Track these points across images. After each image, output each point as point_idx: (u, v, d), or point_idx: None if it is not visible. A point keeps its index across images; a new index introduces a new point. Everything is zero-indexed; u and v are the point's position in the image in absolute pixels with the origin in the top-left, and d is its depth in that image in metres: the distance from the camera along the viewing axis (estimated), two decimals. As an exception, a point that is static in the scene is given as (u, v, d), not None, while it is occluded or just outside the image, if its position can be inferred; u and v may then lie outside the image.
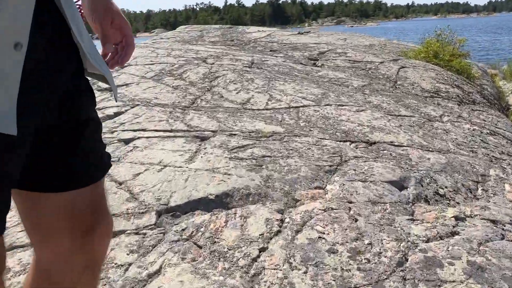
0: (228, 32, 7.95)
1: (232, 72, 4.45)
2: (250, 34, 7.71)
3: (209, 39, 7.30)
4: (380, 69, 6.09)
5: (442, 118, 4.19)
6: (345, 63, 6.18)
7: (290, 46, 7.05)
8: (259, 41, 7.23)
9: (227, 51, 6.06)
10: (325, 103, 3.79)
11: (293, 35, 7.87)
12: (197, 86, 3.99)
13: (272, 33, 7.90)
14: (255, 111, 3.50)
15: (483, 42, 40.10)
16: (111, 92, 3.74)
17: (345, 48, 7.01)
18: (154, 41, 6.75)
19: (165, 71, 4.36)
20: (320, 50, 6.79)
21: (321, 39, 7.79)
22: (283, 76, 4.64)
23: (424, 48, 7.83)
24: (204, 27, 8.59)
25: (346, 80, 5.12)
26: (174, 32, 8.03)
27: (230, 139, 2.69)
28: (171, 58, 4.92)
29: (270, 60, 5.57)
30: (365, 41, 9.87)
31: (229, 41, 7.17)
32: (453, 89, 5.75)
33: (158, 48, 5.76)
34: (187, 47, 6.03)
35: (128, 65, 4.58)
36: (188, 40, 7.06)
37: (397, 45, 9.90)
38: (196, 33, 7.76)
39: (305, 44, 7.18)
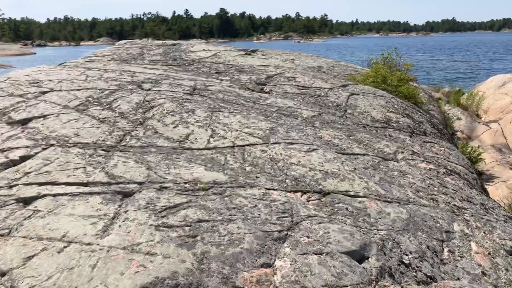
0: (171, 50, 7.46)
1: (170, 100, 3.98)
2: (195, 54, 7.26)
3: (150, 57, 6.78)
4: (330, 96, 5.83)
5: (396, 155, 3.94)
6: (294, 89, 5.87)
7: (237, 68, 6.67)
8: (204, 61, 6.80)
9: (168, 72, 5.58)
10: (274, 141, 3.41)
11: (240, 56, 7.51)
12: (128, 119, 3.48)
13: (218, 52, 7.50)
14: (195, 152, 3.05)
15: (423, 61, 41.91)
16: (22, 127, 3.16)
17: (293, 72, 6.72)
18: (88, 59, 6.15)
19: (92, 99, 3.81)
20: (268, 74, 6.46)
21: (269, 61, 7.48)
22: (228, 106, 4.23)
23: (373, 73, 7.72)
24: (145, 44, 8.05)
25: (296, 110, 4.79)
26: (112, 48, 7.43)
27: (160, 196, 2.23)
28: (102, 82, 4.38)
29: (215, 85, 5.14)
30: (314, 63, 9.70)
31: (171, 61, 6.69)
32: (403, 118, 5.58)
33: (90, 68, 5.18)
34: (123, 67, 5.48)
35: (51, 90, 4.00)
36: (126, 58, 6.50)
37: (345, 66, 9.80)
38: (135, 50, 7.21)
39: (253, 66, 6.83)
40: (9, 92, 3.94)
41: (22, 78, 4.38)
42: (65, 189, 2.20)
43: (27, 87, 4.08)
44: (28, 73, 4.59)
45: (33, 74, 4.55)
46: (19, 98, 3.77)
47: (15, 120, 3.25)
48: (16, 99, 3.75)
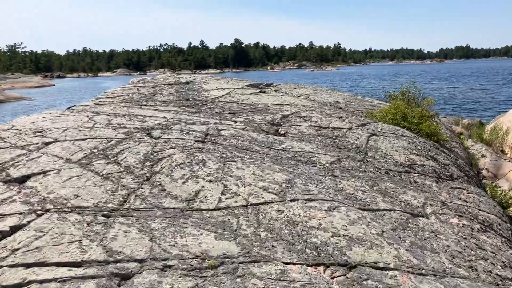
0: (184, 89, 7.30)
1: (180, 151, 3.74)
2: (208, 93, 7.08)
3: (162, 97, 6.61)
4: (349, 137, 5.55)
5: (425, 208, 3.60)
6: (311, 129, 5.61)
7: (251, 107, 6.45)
8: (218, 101, 6.60)
9: (179, 115, 5.38)
10: (291, 197, 3.11)
11: (255, 94, 7.30)
12: (134, 173, 3.24)
13: (232, 91, 7.31)
14: (204, 214, 2.77)
15: (439, 89, 41.50)
16: (19, 186, 2.93)
17: (309, 111, 6.47)
18: (98, 101, 5.99)
19: (97, 151, 3.59)
20: (283, 113, 6.22)
21: (284, 98, 7.26)
22: (241, 154, 3.97)
23: (392, 109, 7.43)
24: (158, 82, 7.92)
25: (313, 155, 4.51)
26: (124, 88, 7.30)
27: (162, 280, 1.94)
28: (110, 130, 4.17)
29: (228, 129, 4.91)
30: (329, 97, 9.47)
31: (184, 101, 6.51)
32: (428, 161, 5.25)
33: (98, 113, 5.01)
34: (133, 111, 5.30)
35: (55, 141, 3.79)
36: (137, 99, 6.34)
37: (361, 101, 9.54)
38: (148, 90, 7.07)
39: (267, 105, 6.60)
40: (11, 143, 3.74)
41: (26, 127, 4.20)
42: (55, 273, 1.93)
43: (30, 137, 3.89)
44: (34, 120, 4.42)
45: (38, 121, 4.37)
46: (21, 150, 3.56)
47: (13, 178, 3.03)
48: (18, 152, 3.54)
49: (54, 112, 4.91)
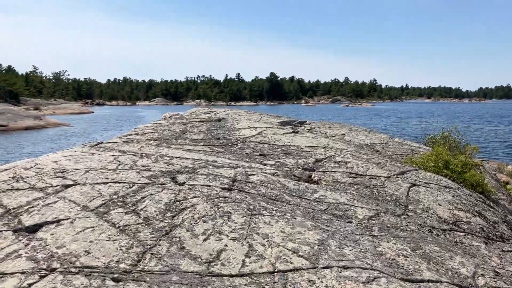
0: (216, 127, 7.12)
1: (205, 200, 3.47)
2: (240, 132, 6.87)
3: (192, 135, 6.43)
4: (387, 187, 5.16)
5: (475, 279, 3.17)
6: (346, 177, 5.26)
7: (283, 149, 6.17)
8: (249, 141, 6.37)
9: (208, 156, 5.15)
10: (324, 264, 2.77)
11: (287, 134, 7.03)
12: (153, 226, 2.98)
13: (264, 130, 7.07)
14: (225, 281, 2.46)
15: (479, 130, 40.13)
16: (29, 237, 2.72)
17: (345, 156, 6.13)
18: (127, 138, 5.86)
19: (117, 197, 3.37)
20: (316, 157, 5.90)
21: (318, 140, 6.95)
22: (270, 206, 3.66)
23: (433, 156, 6.98)
24: (189, 119, 7.79)
25: (349, 207, 4.15)
26: (154, 124, 7.19)
27: None
28: (133, 173, 3.96)
29: (257, 174, 4.63)
30: (366, 139, 9.10)
31: (214, 140, 6.30)
32: (475, 218, 4.78)
33: (125, 152, 4.84)
34: (161, 150, 5.11)
35: (74, 184, 3.61)
36: (167, 137, 6.18)
37: (400, 144, 9.11)
38: (178, 127, 6.92)
39: (300, 147, 6.31)
40: (30, 185, 3.58)
41: (48, 166, 4.05)
42: None
43: (50, 178, 3.72)
44: (57, 159, 4.27)
45: (61, 160, 4.22)
46: (38, 193, 3.39)
47: (24, 227, 2.82)
48: (35, 195, 3.37)
49: (79, 150, 4.77)
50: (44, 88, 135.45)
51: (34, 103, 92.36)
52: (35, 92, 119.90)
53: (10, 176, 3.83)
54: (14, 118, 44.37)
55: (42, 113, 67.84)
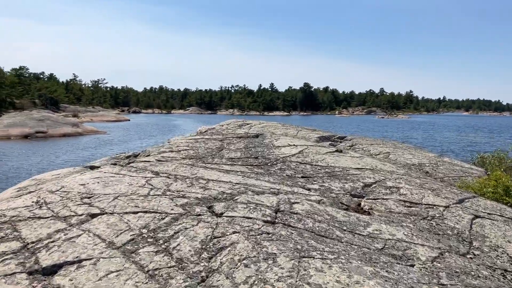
0: (253, 144, 6.69)
1: (245, 237, 3.03)
2: (279, 150, 6.41)
3: (229, 154, 6.02)
4: (447, 218, 4.58)
5: None
6: (400, 206, 4.70)
7: (327, 171, 5.67)
8: (289, 161, 5.90)
9: (246, 179, 4.71)
10: (392, 328, 2.26)
11: (330, 154, 6.52)
12: (186, 271, 2.55)
13: (305, 149, 6.58)
14: None
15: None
16: (44, 283, 2.34)
17: (396, 180, 5.57)
18: (161, 156, 5.50)
19: (147, 231, 2.97)
20: (364, 181, 5.37)
21: (364, 161, 6.40)
22: (320, 245, 3.18)
23: (492, 181, 6.32)
24: (226, 134, 7.39)
25: (408, 246, 3.61)
26: (190, 140, 6.82)
27: None
28: (166, 201, 3.57)
29: (302, 202, 4.15)
30: (413, 158, 8.47)
31: (252, 159, 5.87)
32: (553, 259, 4.13)
33: (158, 174, 4.46)
34: (196, 172, 4.71)
35: (101, 213, 3.24)
36: (203, 155, 5.79)
37: (450, 165, 8.43)
38: (214, 144, 6.53)
39: (345, 169, 5.79)
40: (54, 212, 3.23)
41: (75, 189, 3.71)
42: None
43: (76, 205, 3.37)
44: (85, 181, 3.93)
45: (89, 183, 3.88)
46: (61, 224, 3.03)
47: (41, 268, 2.45)
48: (57, 225, 3.01)
49: (109, 170, 4.43)
50: (83, 95, 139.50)
51: (73, 110, 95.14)
52: (74, 99, 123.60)
53: (34, 200, 3.51)
54: (53, 125, 45.51)
55: (79, 120, 69.60)
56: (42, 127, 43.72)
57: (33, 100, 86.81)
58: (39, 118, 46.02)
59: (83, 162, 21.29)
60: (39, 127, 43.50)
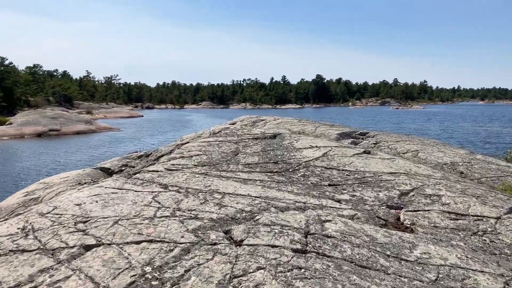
0: (271, 146, 6.09)
1: (273, 276, 2.44)
2: (300, 153, 5.80)
3: (246, 158, 5.44)
4: (501, 233, 3.94)
5: None
6: (445, 219, 4.07)
7: (356, 176, 5.05)
8: (313, 166, 5.29)
9: (267, 191, 4.12)
10: None
11: (358, 156, 5.89)
12: (201, 329, 1.98)
13: (330, 151, 5.96)
14: None
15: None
16: None
17: (435, 185, 4.94)
18: (170, 165, 4.92)
19: (152, 269, 2.40)
20: (400, 188, 4.74)
21: (396, 164, 5.75)
22: (365, 282, 2.57)
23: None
24: (241, 135, 6.80)
25: (465, 274, 2.99)
26: (202, 143, 6.23)
27: None
28: (175, 224, 3.00)
29: (334, 219, 3.55)
30: (444, 156, 7.79)
31: (271, 164, 5.27)
32: None
33: (167, 187, 3.90)
34: (210, 183, 4.14)
35: (97, 244, 2.67)
36: (217, 161, 5.21)
37: (485, 163, 7.72)
38: (229, 147, 5.94)
39: (377, 174, 5.16)
40: (41, 243, 2.68)
41: (69, 211, 3.16)
42: None
43: (68, 233, 2.81)
44: (81, 200, 3.38)
45: (87, 203, 3.32)
46: (47, 261, 2.48)
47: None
48: (43, 262, 2.46)
49: (111, 185, 3.87)
50: (96, 92, 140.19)
51: (86, 107, 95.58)
52: (88, 96, 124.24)
53: (20, 226, 2.97)
54: (66, 123, 45.46)
55: (93, 117, 69.68)
56: (55, 125, 43.67)
57: (47, 98, 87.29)
58: (53, 116, 46.00)
59: (95, 162, 20.91)
60: (52, 125, 43.45)
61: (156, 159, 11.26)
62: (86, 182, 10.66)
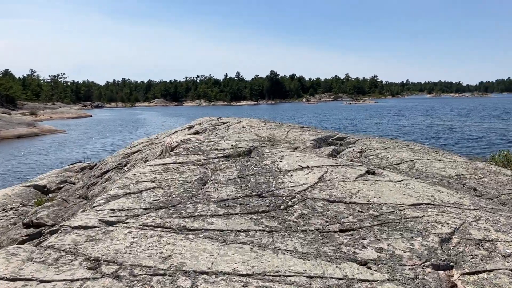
0: (250, 168, 4.61)
1: None
2: (289, 178, 4.36)
3: (218, 191, 3.93)
4: None
5: None
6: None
7: (371, 213, 3.68)
8: (311, 198, 3.87)
9: (260, 257, 2.66)
10: None
11: (362, 179, 4.51)
12: None
13: (325, 173, 4.56)
14: None
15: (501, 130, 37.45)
16: None
17: (476, 221, 3.65)
18: (109, 210, 3.32)
19: None
20: (437, 232, 3.40)
21: (412, 188, 4.42)
22: None
23: None
24: (208, 151, 5.26)
25: None
26: (155, 167, 4.63)
27: None
28: None
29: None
30: (446, 168, 6.62)
31: (255, 198, 3.80)
32: None
33: (99, 264, 2.33)
34: (172, 248, 2.62)
35: None
36: (178, 198, 3.67)
37: (492, 174, 6.61)
38: (194, 172, 4.41)
39: (396, 207, 3.81)
40: None
41: None
42: None
43: None
44: None
45: None
46: None
47: None
48: None
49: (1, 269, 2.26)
50: (41, 91, 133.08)
51: (31, 108, 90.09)
52: (32, 95, 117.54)
53: None
54: (5, 126, 41.87)
55: (38, 118, 65.33)
56: (-8, 129, 40.06)
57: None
58: (-11, 119, 42.25)
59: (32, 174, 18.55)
60: (-11, 129, 39.83)
61: (101, 175, 9.50)
62: (13, 208, 8.75)
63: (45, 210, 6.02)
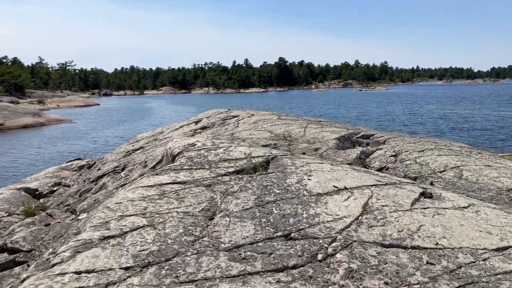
0: (269, 191, 3.54)
1: None
2: (324, 206, 3.29)
3: (231, 231, 2.89)
4: None
5: None
6: None
7: (446, 266, 2.62)
8: (357, 242, 2.81)
9: None
10: None
11: (420, 207, 3.44)
12: None
13: (371, 198, 3.49)
14: None
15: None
16: None
17: None
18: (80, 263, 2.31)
19: None
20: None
21: (485, 220, 3.35)
22: None
23: None
24: (216, 163, 4.22)
25: None
26: (148, 187, 3.60)
27: None
28: None
29: None
30: (500, 176, 5.51)
31: (281, 242, 2.75)
32: None
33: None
34: None
35: None
36: (175, 247, 2.62)
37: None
38: (198, 199, 3.36)
39: (478, 256, 2.75)
40: None
41: None
42: None
43: None
44: None
45: None
46: None
47: None
48: None
49: None
50: (50, 79, 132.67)
51: (39, 96, 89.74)
52: (41, 83, 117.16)
53: None
54: (11, 115, 41.19)
55: (45, 107, 64.74)
56: (-3, 118, 39.39)
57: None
58: (-5, 109, 41.58)
59: (30, 170, 17.71)
60: (-6, 119, 39.17)
61: (96, 180, 8.52)
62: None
63: (22, 231, 5.05)
